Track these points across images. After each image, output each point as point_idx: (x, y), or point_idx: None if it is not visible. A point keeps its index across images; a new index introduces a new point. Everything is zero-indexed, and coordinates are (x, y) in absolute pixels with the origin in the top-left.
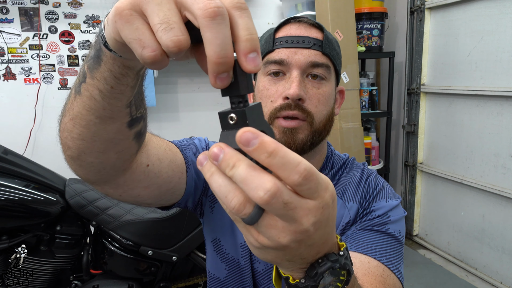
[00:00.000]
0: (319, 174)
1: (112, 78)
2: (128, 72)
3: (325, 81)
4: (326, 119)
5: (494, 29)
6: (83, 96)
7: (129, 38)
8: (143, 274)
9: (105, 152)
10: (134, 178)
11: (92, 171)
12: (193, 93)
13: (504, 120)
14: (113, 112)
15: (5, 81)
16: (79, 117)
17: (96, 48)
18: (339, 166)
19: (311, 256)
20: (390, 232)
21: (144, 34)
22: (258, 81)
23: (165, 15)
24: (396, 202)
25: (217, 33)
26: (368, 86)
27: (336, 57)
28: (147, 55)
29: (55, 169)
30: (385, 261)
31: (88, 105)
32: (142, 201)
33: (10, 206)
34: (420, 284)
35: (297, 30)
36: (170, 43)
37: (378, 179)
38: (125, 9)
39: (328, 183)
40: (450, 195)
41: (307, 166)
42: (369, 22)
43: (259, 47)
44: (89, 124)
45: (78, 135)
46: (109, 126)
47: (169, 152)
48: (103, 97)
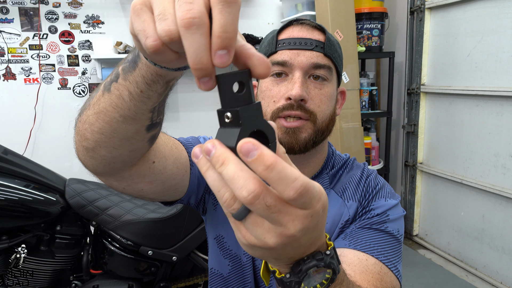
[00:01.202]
0: (313, 187)
1: (143, 83)
2: (159, 80)
3: (327, 82)
4: (329, 119)
5: (494, 29)
6: (112, 94)
7: (137, 29)
8: (143, 274)
9: (120, 148)
10: (139, 173)
11: (102, 163)
12: (193, 93)
13: (504, 120)
14: (137, 114)
15: (5, 81)
16: (104, 112)
17: (135, 54)
18: (340, 165)
19: (298, 255)
20: (388, 230)
21: (149, 25)
22: (261, 82)
23: (164, 7)
24: (395, 201)
25: (191, 42)
26: (368, 86)
27: (337, 59)
28: (149, 44)
29: (55, 169)
30: (383, 259)
31: (115, 103)
32: (145, 195)
33: (10, 206)
34: (420, 284)
35: (300, 32)
36: (162, 32)
37: (378, 179)
38: (137, 4)
39: (321, 193)
40: (450, 195)
41: (304, 182)
42: (369, 22)
43: (232, 44)
44: (112, 121)
45: (99, 129)
46: (130, 126)
47: (175, 150)
48: (131, 99)
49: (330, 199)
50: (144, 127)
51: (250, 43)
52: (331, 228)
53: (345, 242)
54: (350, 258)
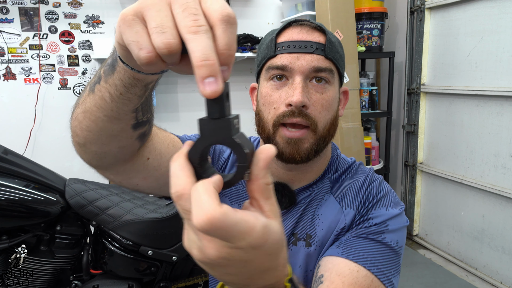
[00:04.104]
0: (234, 225)
1: (121, 86)
2: (137, 83)
3: (328, 85)
4: (330, 124)
5: (494, 29)
6: (96, 95)
7: (129, 40)
8: (143, 274)
9: (108, 145)
10: (133, 169)
11: (95, 158)
12: (193, 93)
13: (504, 120)
14: (120, 114)
15: (5, 81)
16: (89, 112)
17: (113, 58)
18: (343, 170)
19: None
20: (386, 241)
21: (142, 36)
22: (261, 86)
23: (161, 20)
24: (398, 211)
25: (199, 43)
26: (368, 86)
27: (339, 60)
28: (143, 56)
29: (55, 169)
30: (376, 271)
31: (99, 103)
32: (142, 190)
33: (10, 206)
34: (420, 284)
35: (299, 35)
36: (161, 45)
37: (382, 186)
38: (129, 15)
39: (247, 233)
40: (450, 195)
41: (214, 219)
42: (369, 22)
43: (232, 62)
44: (97, 120)
45: (86, 126)
46: (115, 125)
47: (171, 148)
48: (112, 100)
49: (328, 205)
50: (130, 125)
51: (250, 43)
52: (326, 234)
53: (338, 251)
54: (341, 268)
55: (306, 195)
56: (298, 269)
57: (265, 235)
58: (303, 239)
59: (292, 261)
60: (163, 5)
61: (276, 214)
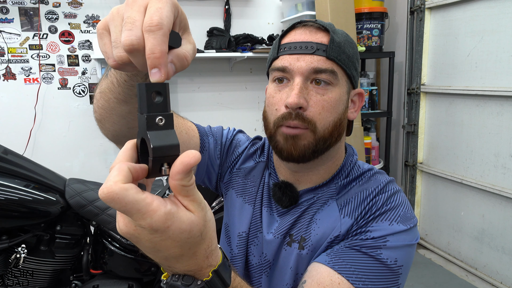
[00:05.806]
0: (134, 203)
1: (125, 75)
2: (138, 73)
3: (331, 87)
4: (333, 126)
5: (494, 29)
6: (108, 79)
7: (101, 50)
8: (143, 274)
9: (118, 124)
10: None
11: (109, 134)
12: (193, 93)
13: (504, 120)
14: (126, 97)
15: (5, 81)
16: (104, 92)
17: None
18: (354, 177)
19: (167, 266)
20: (380, 257)
21: (109, 48)
22: (268, 87)
23: (115, 36)
24: (404, 227)
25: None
26: (368, 86)
27: (345, 60)
28: (111, 64)
29: (55, 169)
30: (360, 286)
31: (110, 87)
32: None
33: (10, 206)
34: (420, 284)
35: (301, 36)
36: (116, 57)
37: (393, 199)
38: (99, 28)
39: (148, 213)
40: (450, 195)
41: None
42: (369, 22)
43: (162, 62)
44: (109, 101)
45: (102, 105)
46: (123, 107)
47: (184, 135)
48: (119, 85)
49: (328, 210)
50: None
51: (250, 43)
52: (320, 240)
53: (326, 258)
54: (323, 278)
55: (309, 197)
56: (289, 271)
57: (168, 221)
58: (298, 241)
59: (285, 262)
60: (118, 20)
61: (197, 210)
